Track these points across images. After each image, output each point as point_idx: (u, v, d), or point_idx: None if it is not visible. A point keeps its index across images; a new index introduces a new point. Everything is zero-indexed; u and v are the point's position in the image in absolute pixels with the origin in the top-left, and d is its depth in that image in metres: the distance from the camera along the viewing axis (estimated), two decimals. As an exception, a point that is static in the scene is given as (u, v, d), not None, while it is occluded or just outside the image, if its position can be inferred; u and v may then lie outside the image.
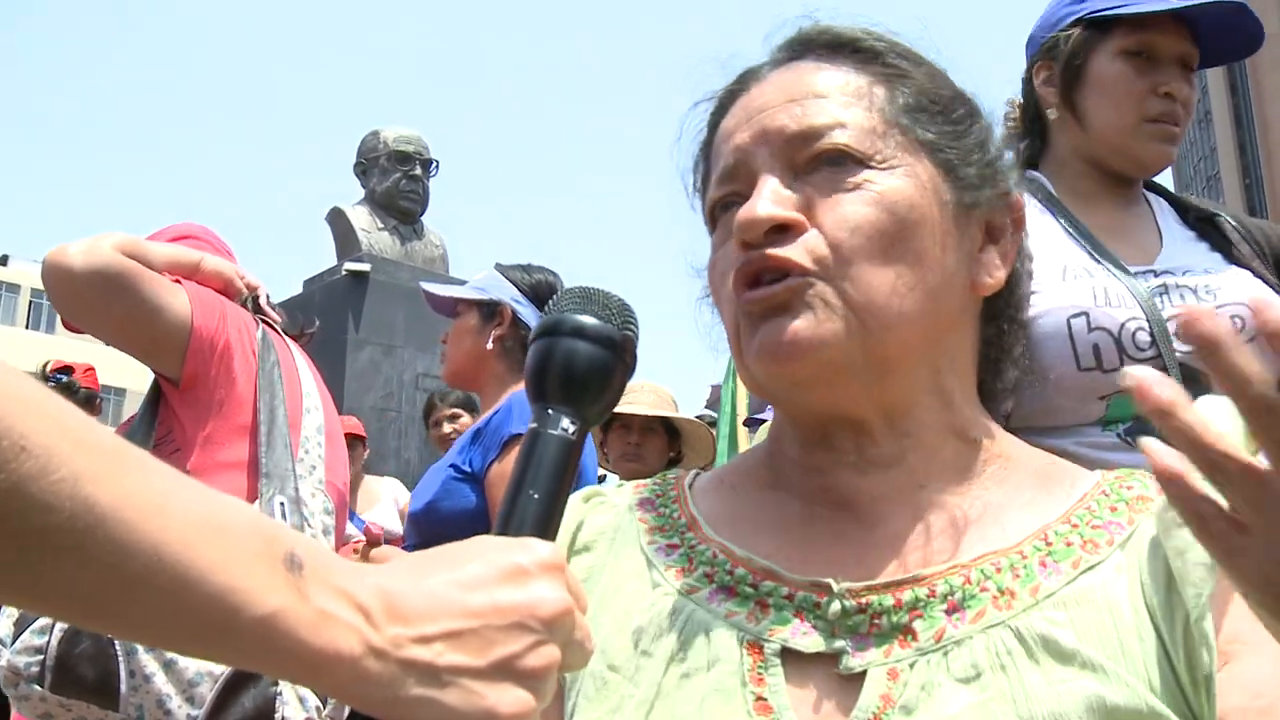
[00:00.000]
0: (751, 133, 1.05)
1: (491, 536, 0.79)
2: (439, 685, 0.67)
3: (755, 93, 1.09)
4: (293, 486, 2.27)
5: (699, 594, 1.00)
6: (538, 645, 0.71)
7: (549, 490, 0.83)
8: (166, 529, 0.60)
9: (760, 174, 1.02)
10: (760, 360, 0.99)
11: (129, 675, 1.96)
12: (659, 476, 1.20)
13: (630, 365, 0.92)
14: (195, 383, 2.32)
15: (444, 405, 6.05)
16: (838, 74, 1.06)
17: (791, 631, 0.94)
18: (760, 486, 1.11)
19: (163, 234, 2.69)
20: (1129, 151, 2.16)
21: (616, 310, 0.93)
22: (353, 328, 8.23)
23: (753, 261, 0.99)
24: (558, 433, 0.85)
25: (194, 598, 0.60)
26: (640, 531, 1.10)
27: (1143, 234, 2.19)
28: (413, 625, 0.67)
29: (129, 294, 2.20)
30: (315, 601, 0.64)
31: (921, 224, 1.01)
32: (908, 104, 1.05)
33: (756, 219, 0.98)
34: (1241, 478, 0.63)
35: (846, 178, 1.00)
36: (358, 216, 8.80)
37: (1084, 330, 1.97)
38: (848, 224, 0.98)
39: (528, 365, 0.91)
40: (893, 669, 0.90)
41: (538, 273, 3.43)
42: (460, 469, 3.05)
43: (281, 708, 2.05)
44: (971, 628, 0.91)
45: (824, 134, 1.01)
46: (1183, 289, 2.03)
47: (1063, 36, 2.22)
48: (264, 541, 0.64)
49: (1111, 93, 2.14)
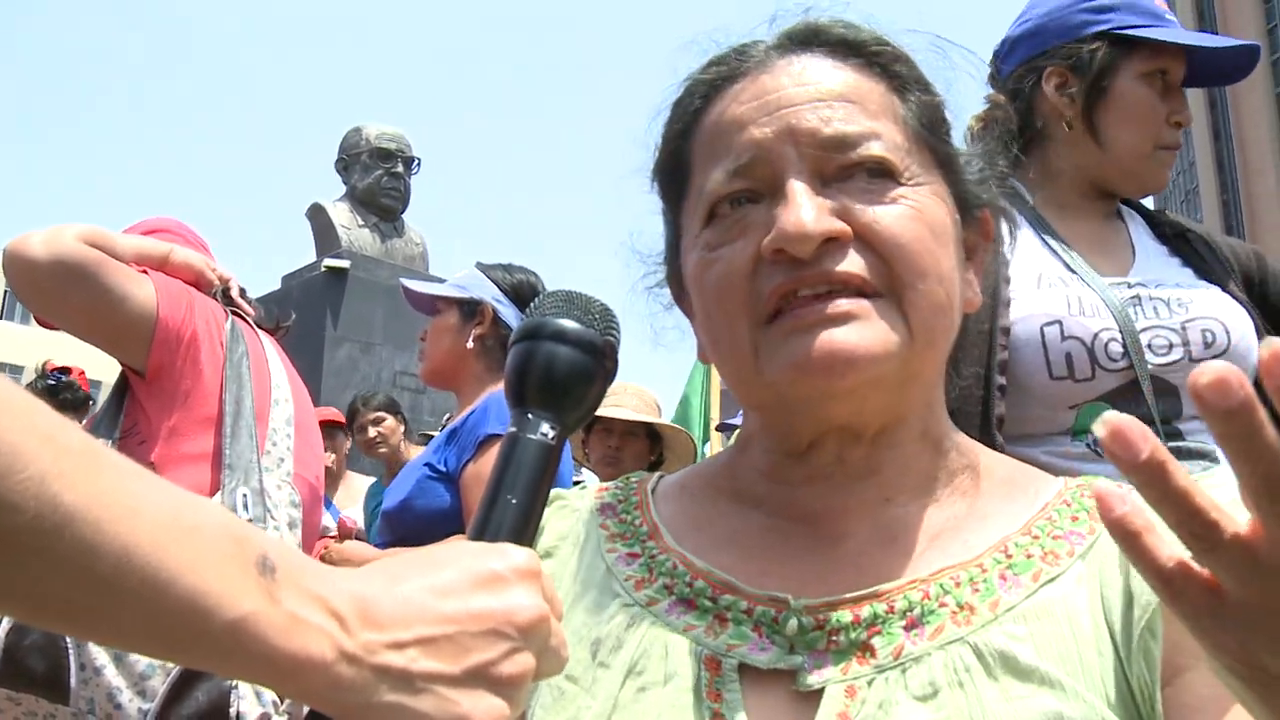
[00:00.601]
0: (775, 129, 0.98)
1: (468, 541, 0.78)
2: (412, 692, 0.66)
3: (767, 83, 1.02)
4: (257, 478, 2.25)
5: (658, 606, 0.98)
6: (513, 652, 0.70)
7: (527, 496, 0.82)
8: (137, 530, 0.58)
9: (787, 177, 0.96)
10: (803, 369, 0.93)
11: (79, 668, 1.94)
12: (622, 480, 1.18)
13: (611, 370, 0.91)
14: (161, 374, 2.31)
15: (367, 410, 6.04)
16: (856, 78, 1.02)
17: (749, 647, 0.92)
18: (723, 496, 1.08)
19: (136, 228, 2.69)
20: (1139, 175, 2.17)
21: (599, 315, 0.92)
22: (331, 324, 8.21)
23: (804, 278, 0.94)
24: (537, 437, 0.84)
25: (164, 601, 0.59)
26: (601, 539, 1.08)
27: (1118, 247, 2.20)
28: (386, 631, 0.66)
29: (91, 283, 2.18)
30: (287, 605, 0.63)
31: (949, 244, 1.00)
32: (920, 119, 1.03)
33: (809, 233, 0.92)
34: (1231, 548, 0.57)
35: (885, 191, 0.97)
36: (338, 213, 8.78)
37: (1057, 339, 1.97)
38: (899, 239, 0.95)
39: (508, 368, 0.90)
40: (850, 686, 0.88)
41: (519, 273, 3.41)
42: (435, 468, 3.05)
43: (236, 702, 2.03)
44: (930, 644, 0.90)
45: (859, 143, 0.97)
46: (1156, 301, 2.04)
47: (1087, 50, 2.16)
48: (236, 544, 0.63)
49: (1134, 116, 2.13)
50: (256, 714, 2.04)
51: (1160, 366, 1.97)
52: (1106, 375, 1.97)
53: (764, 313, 0.96)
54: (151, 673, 1.96)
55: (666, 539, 1.04)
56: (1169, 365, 1.97)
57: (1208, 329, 2.00)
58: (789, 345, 0.94)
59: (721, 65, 1.07)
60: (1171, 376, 1.97)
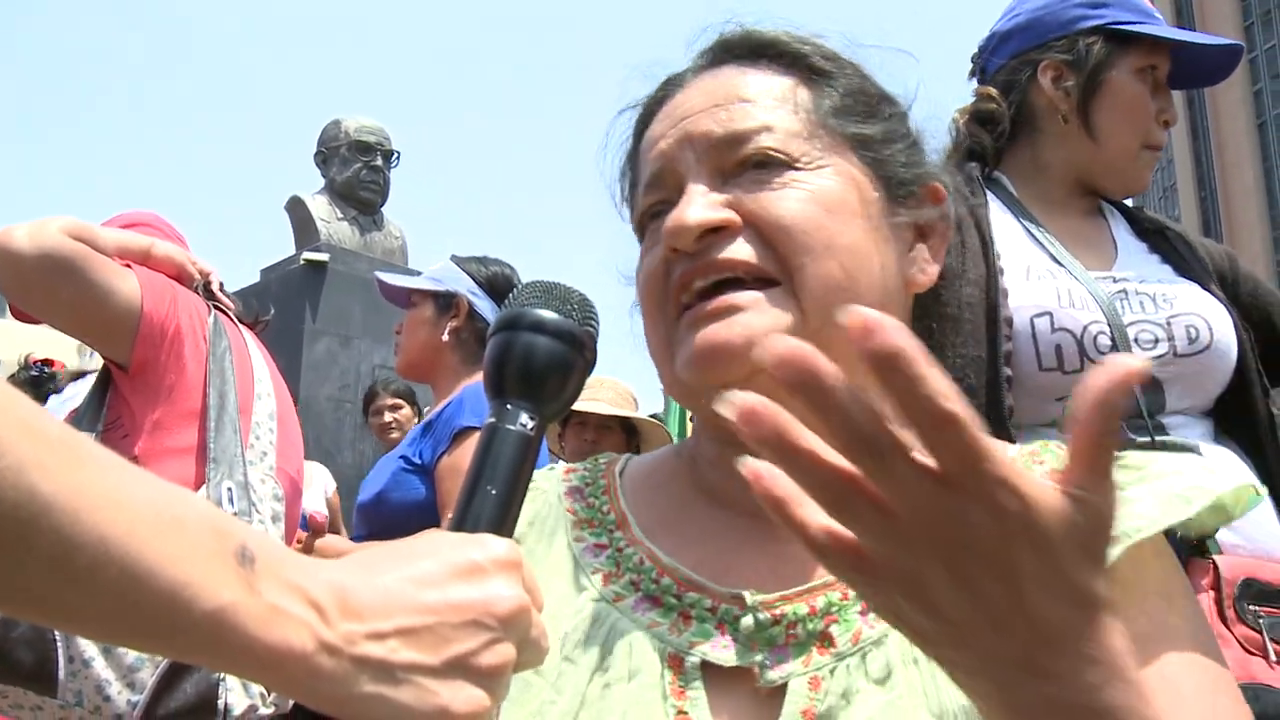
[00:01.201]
0: (676, 139, 1.04)
1: (447, 532, 0.78)
2: (392, 682, 0.66)
3: (680, 99, 1.09)
4: (241, 472, 2.25)
5: (624, 602, 0.99)
6: (493, 643, 0.70)
7: (506, 486, 0.82)
8: (115, 521, 0.59)
9: (687, 180, 1.02)
10: (692, 364, 0.98)
11: (68, 660, 1.93)
12: (591, 461, 1.19)
13: (590, 361, 0.92)
14: (145, 368, 2.30)
15: (386, 394, 6.04)
16: (762, 78, 1.07)
17: (712, 645, 0.93)
18: (687, 488, 1.10)
19: (114, 221, 2.67)
20: (1125, 173, 2.19)
21: (577, 305, 0.92)
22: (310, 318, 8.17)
23: (690, 271, 0.99)
24: (516, 428, 0.84)
25: (143, 592, 0.59)
26: (569, 524, 1.09)
27: (1101, 243, 2.21)
28: (366, 622, 0.66)
29: (77, 278, 2.17)
30: (267, 597, 0.63)
31: (853, 220, 1.01)
32: (834, 105, 1.06)
33: (686, 225, 0.98)
34: (863, 512, 0.58)
35: (776, 179, 1.00)
36: (317, 206, 8.73)
37: (1047, 331, 1.98)
38: (782, 220, 0.98)
39: (487, 359, 0.90)
40: (814, 678, 0.89)
41: (494, 265, 3.41)
42: (410, 460, 3.06)
43: (224, 694, 2.03)
44: (887, 625, 0.90)
45: (750, 138, 1.01)
46: (1141, 295, 2.06)
47: (1084, 43, 2.19)
48: (215, 535, 0.63)
49: (1129, 111, 2.15)
50: (244, 706, 2.05)
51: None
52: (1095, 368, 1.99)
53: (672, 310, 1.01)
54: (140, 665, 1.96)
55: (634, 530, 1.05)
56: (1156, 360, 1.98)
57: (1191, 325, 2.02)
58: (685, 342, 0.99)
59: (657, 93, 1.14)
60: (1157, 371, 1.99)
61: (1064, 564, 0.58)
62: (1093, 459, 0.58)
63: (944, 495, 0.57)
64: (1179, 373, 2.00)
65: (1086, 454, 0.58)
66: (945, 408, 0.54)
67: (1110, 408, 0.56)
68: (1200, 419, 2.06)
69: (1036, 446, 1.06)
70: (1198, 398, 2.03)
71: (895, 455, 0.56)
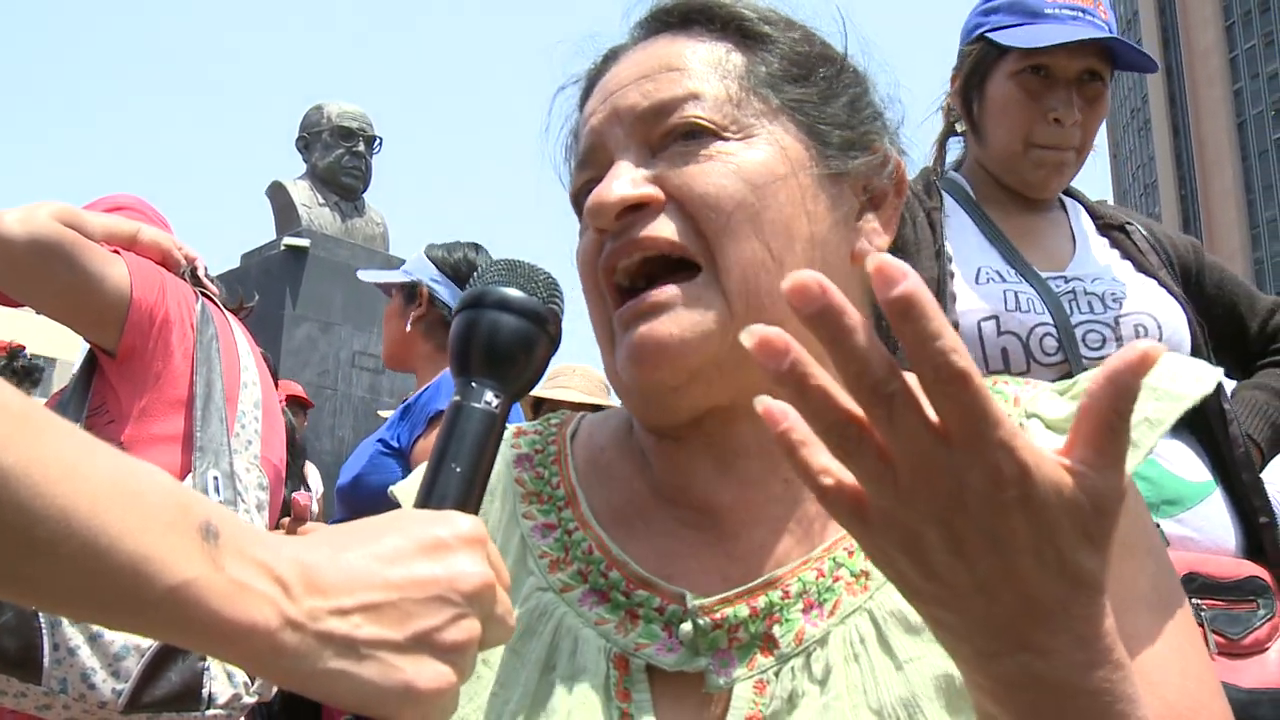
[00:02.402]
0: (605, 114, 1.01)
1: (413, 509, 0.78)
2: (357, 658, 0.66)
3: (613, 72, 1.04)
4: (227, 461, 2.25)
5: (572, 594, 0.97)
6: (458, 619, 0.70)
7: (471, 463, 0.82)
8: (77, 494, 0.58)
9: (615, 156, 0.98)
10: (629, 364, 0.95)
11: (53, 648, 1.92)
12: (541, 422, 1.16)
13: (555, 338, 0.91)
14: (133, 355, 2.29)
15: None
16: (693, 45, 1.02)
17: (657, 647, 0.91)
18: (635, 476, 1.06)
19: (97, 205, 2.65)
20: (1017, 173, 2.22)
21: (542, 283, 0.92)
22: (290, 303, 8.15)
23: (614, 252, 0.96)
24: (481, 405, 0.84)
25: (104, 565, 0.59)
26: (517, 497, 1.06)
27: (1057, 240, 2.25)
28: (330, 597, 0.66)
29: (68, 264, 2.16)
30: (230, 572, 0.63)
31: (783, 193, 0.96)
32: (770, 70, 1.01)
33: (605, 202, 0.94)
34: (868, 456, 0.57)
35: (700, 150, 0.96)
36: (298, 191, 8.70)
37: (993, 334, 2.03)
38: (706, 197, 0.94)
39: (451, 337, 0.89)
40: (759, 682, 0.88)
41: (459, 250, 3.45)
42: (388, 444, 3.11)
43: (209, 682, 2.03)
44: (829, 622, 0.90)
45: (675, 108, 0.97)
46: (1090, 296, 2.09)
47: (967, 50, 2.27)
48: (179, 510, 0.63)
49: (1002, 116, 2.20)
50: (228, 695, 2.05)
51: (1094, 360, 2.02)
52: (1041, 369, 2.02)
53: (608, 291, 0.99)
54: (125, 654, 1.95)
55: (584, 510, 1.03)
56: (1103, 359, 2.01)
57: (1140, 323, 2.06)
58: (621, 342, 0.96)
59: (595, 69, 1.10)
60: None
61: (1059, 540, 0.58)
62: (1102, 440, 0.57)
63: (945, 453, 0.56)
64: None
65: (1096, 434, 0.57)
66: (957, 364, 0.54)
67: (1125, 390, 0.56)
68: None
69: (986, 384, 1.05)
70: None
71: (903, 404, 0.55)
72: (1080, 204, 2.35)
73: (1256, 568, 2.01)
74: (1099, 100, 2.18)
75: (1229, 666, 1.88)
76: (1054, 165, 2.19)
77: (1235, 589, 1.96)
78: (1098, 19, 2.14)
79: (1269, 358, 2.40)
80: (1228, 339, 2.40)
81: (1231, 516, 2.05)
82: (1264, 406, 2.30)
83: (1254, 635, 1.94)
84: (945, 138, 2.44)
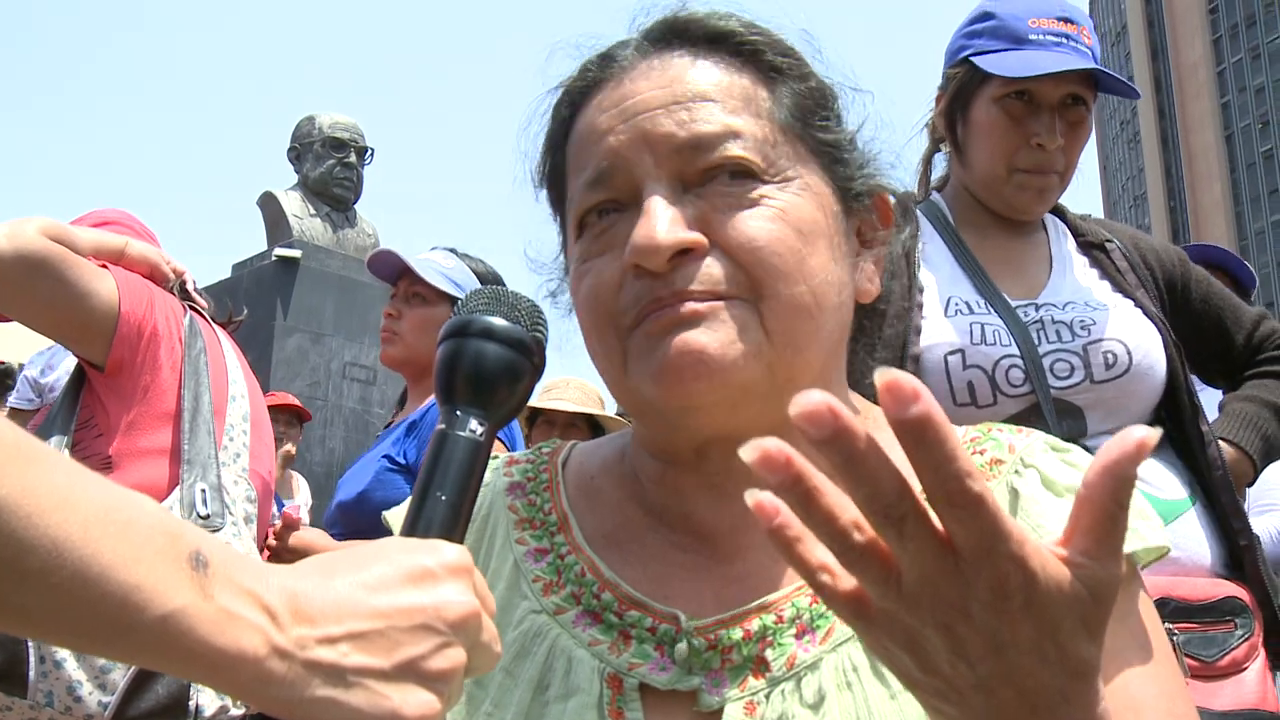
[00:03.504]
0: (630, 136, 0.96)
1: (399, 538, 0.78)
2: (344, 686, 0.67)
3: (628, 87, 0.99)
4: (214, 473, 2.25)
5: (565, 615, 0.97)
6: (443, 647, 0.71)
7: (457, 492, 0.82)
8: (68, 523, 0.59)
9: (645, 185, 0.95)
10: (660, 379, 0.92)
11: (39, 661, 1.92)
12: (533, 451, 1.16)
13: (539, 367, 0.92)
14: (121, 369, 2.30)
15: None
16: (718, 72, 0.98)
17: (650, 666, 0.92)
18: (628, 500, 1.06)
19: (84, 220, 2.66)
20: (1000, 196, 2.23)
21: (526, 312, 0.92)
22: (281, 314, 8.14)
23: (665, 296, 0.92)
24: (466, 434, 0.85)
25: (94, 594, 0.59)
26: (510, 524, 1.06)
27: (1033, 264, 2.26)
28: (318, 626, 0.67)
29: (55, 279, 2.17)
30: (219, 600, 0.64)
31: (822, 240, 0.96)
32: (792, 107, 0.99)
33: (660, 244, 0.90)
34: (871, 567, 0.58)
35: (746, 193, 0.94)
36: (290, 202, 8.70)
37: (959, 367, 2.04)
38: (755, 244, 0.92)
39: (437, 365, 0.90)
40: (750, 703, 0.89)
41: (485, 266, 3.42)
42: (395, 461, 3.05)
43: (195, 695, 2.03)
44: (821, 649, 0.90)
45: (717, 145, 0.94)
46: (1059, 325, 2.10)
47: (951, 74, 2.27)
48: (168, 539, 0.63)
49: (985, 140, 2.21)
50: (215, 707, 2.06)
51: (1062, 389, 2.04)
52: (1008, 400, 2.04)
53: (627, 324, 0.95)
54: (112, 666, 1.95)
55: (576, 535, 1.03)
56: (1071, 388, 2.04)
57: (1109, 350, 2.07)
58: (648, 353, 0.93)
59: (589, 71, 1.05)
60: (1075, 398, 2.05)
61: (1061, 636, 0.58)
62: (1102, 531, 0.58)
63: (952, 564, 0.56)
64: (1098, 398, 2.06)
65: (1096, 526, 0.58)
66: (972, 489, 0.54)
67: (1123, 480, 0.56)
68: None
69: (979, 433, 1.05)
70: (1122, 418, 2.07)
71: (915, 524, 0.55)
72: (1064, 221, 2.35)
73: (1235, 587, 2.02)
74: (1082, 125, 2.19)
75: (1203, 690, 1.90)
76: (1037, 189, 2.19)
77: (1211, 610, 1.98)
78: (1081, 45, 2.15)
79: (1255, 369, 2.40)
80: (1214, 351, 2.40)
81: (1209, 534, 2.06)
82: (1254, 418, 2.31)
83: (1230, 656, 1.96)
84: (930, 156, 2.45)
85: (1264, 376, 2.39)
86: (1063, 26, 2.15)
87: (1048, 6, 2.17)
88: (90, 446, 2.25)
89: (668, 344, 0.91)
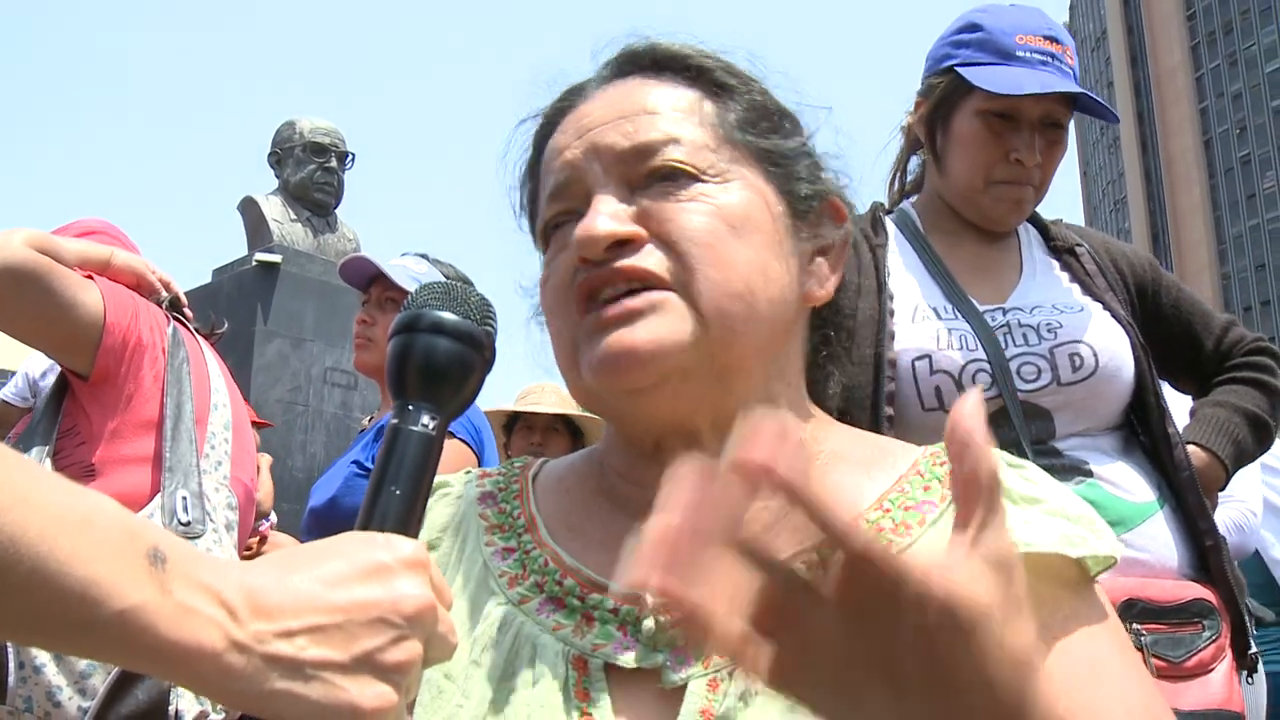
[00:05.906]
0: (583, 149, 1.05)
1: (355, 533, 0.80)
2: (302, 679, 0.68)
3: (584, 109, 1.09)
4: (196, 481, 2.27)
5: (529, 604, 1.01)
6: (400, 640, 0.73)
7: (410, 486, 0.84)
8: (26, 521, 0.60)
9: (594, 190, 1.02)
10: (600, 369, 0.98)
11: (18, 666, 1.94)
12: (506, 465, 1.21)
13: (489, 360, 0.94)
14: (105, 378, 2.31)
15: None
16: (667, 90, 1.07)
17: (614, 646, 0.95)
18: (592, 492, 1.11)
19: (67, 230, 2.66)
20: (977, 206, 2.26)
21: (476, 306, 0.94)
22: (262, 319, 8.11)
23: (596, 277, 0.99)
24: (418, 429, 0.86)
25: (52, 591, 0.60)
26: (480, 530, 1.10)
27: (1002, 269, 2.28)
28: (276, 620, 0.68)
29: (41, 290, 2.18)
30: (177, 596, 0.65)
31: (758, 234, 1.02)
32: (738, 119, 1.07)
33: (596, 235, 0.98)
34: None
35: (683, 191, 1.01)
36: (270, 207, 8.67)
37: (926, 373, 2.07)
38: (687, 234, 0.99)
39: (388, 360, 0.91)
40: (713, 679, 0.91)
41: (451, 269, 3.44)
42: (364, 466, 3.08)
43: (175, 700, 2.04)
44: None
45: (657, 150, 1.02)
46: (1026, 329, 2.12)
47: (935, 82, 2.29)
48: (126, 536, 0.64)
49: (964, 152, 2.23)
50: (195, 712, 2.06)
51: (1030, 393, 2.07)
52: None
53: (577, 316, 1.01)
54: (91, 671, 1.97)
55: (541, 533, 1.07)
56: (1038, 390, 2.07)
57: (1075, 353, 2.09)
58: (592, 346, 0.99)
59: (558, 103, 1.14)
60: (1042, 401, 2.07)
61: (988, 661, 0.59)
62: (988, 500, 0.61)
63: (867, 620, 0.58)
64: (1066, 400, 2.08)
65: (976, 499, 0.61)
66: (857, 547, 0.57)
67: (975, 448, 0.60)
68: (1103, 435, 2.13)
69: (939, 448, 1.08)
70: (1090, 420, 2.11)
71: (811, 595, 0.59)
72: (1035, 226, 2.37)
73: (1202, 589, 2.05)
74: (1059, 143, 2.22)
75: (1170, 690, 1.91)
76: (1013, 201, 2.22)
77: (1179, 612, 2.00)
78: (1064, 65, 2.18)
79: (1225, 374, 2.42)
80: (1184, 357, 2.42)
81: (1178, 537, 2.08)
82: (1225, 423, 2.32)
83: (1198, 657, 1.98)
84: (904, 159, 2.47)
85: (1234, 382, 2.41)
86: (1049, 46, 2.18)
87: (1035, 24, 2.20)
88: (73, 455, 2.27)
89: (606, 336, 0.98)
